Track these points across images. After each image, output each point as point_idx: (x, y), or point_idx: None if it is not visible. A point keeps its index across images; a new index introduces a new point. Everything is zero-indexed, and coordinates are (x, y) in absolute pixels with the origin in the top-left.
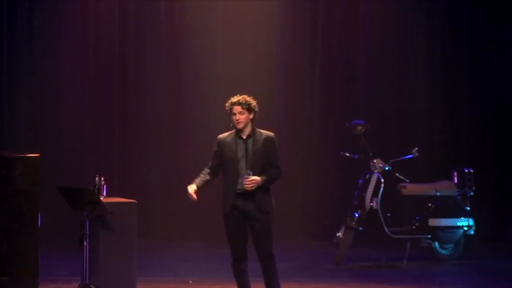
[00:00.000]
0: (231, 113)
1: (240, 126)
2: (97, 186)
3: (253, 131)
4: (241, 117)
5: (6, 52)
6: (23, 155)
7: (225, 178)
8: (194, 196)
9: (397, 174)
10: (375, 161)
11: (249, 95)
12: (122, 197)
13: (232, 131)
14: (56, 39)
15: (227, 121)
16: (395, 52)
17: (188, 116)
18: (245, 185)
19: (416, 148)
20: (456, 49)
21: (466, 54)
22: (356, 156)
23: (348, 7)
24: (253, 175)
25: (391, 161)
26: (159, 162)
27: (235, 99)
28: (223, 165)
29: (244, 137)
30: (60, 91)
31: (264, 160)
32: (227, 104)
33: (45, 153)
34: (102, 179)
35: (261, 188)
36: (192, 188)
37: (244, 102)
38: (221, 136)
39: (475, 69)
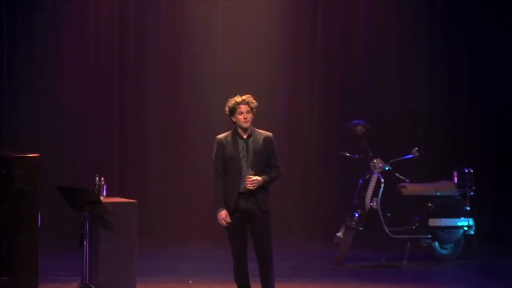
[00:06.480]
0: (234, 112)
1: (247, 125)
2: (97, 186)
3: (252, 131)
4: (248, 116)
5: (6, 52)
6: (23, 155)
7: (226, 178)
8: (229, 219)
9: (397, 174)
10: (375, 161)
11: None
12: (122, 197)
13: (230, 131)
14: (56, 39)
15: (227, 120)
16: (395, 52)
17: (188, 116)
18: (247, 185)
19: (416, 148)
20: (456, 49)
21: (466, 54)
22: (356, 156)
23: (348, 7)
24: (254, 174)
25: (391, 161)
26: (159, 162)
27: (240, 98)
28: (225, 165)
29: (245, 136)
30: (60, 91)
31: (264, 159)
32: (231, 103)
33: (45, 153)
34: (102, 179)
35: (261, 188)
36: (224, 214)
37: (251, 101)
38: (220, 136)
39: (475, 69)
